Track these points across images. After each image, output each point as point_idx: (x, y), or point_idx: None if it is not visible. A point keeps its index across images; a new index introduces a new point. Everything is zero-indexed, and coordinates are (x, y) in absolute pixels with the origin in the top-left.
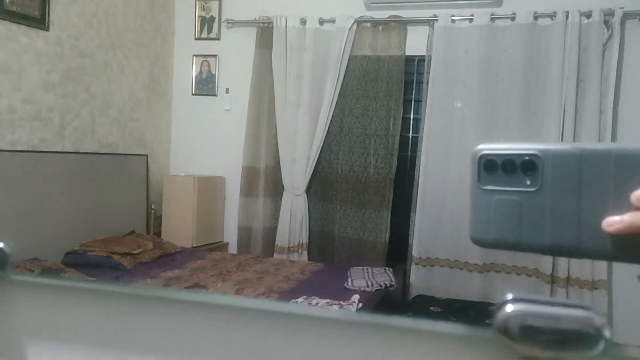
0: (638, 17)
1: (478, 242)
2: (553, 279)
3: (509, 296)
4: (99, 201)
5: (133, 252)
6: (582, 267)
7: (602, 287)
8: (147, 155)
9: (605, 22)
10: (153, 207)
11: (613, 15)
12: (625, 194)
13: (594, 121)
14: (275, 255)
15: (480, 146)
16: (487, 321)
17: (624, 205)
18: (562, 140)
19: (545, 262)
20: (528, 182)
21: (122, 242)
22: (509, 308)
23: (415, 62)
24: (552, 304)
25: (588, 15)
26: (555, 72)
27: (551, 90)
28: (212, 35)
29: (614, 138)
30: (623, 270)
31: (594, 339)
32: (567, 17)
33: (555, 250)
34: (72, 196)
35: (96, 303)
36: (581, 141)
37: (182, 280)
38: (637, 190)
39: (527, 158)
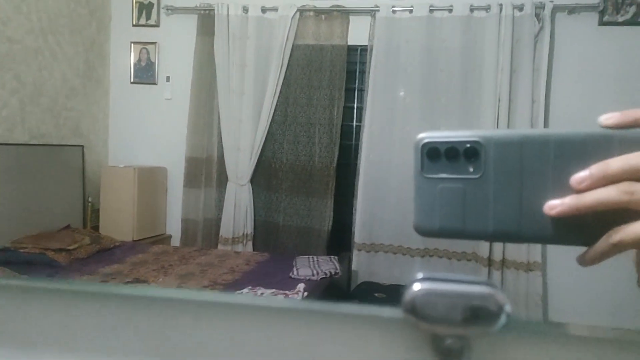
0: (567, 10)
1: (423, 231)
2: (490, 262)
3: (419, 275)
4: (31, 195)
5: (68, 247)
6: (517, 250)
7: (536, 269)
8: (82, 146)
9: (537, 15)
10: (90, 200)
11: (544, 8)
12: (564, 178)
13: (527, 110)
14: (219, 246)
15: (423, 134)
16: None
17: (564, 189)
18: (497, 128)
19: (482, 247)
20: (471, 169)
21: (56, 238)
22: (416, 287)
23: (358, 52)
24: (458, 281)
25: (520, 8)
26: (490, 62)
27: (487, 80)
28: (151, 22)
29: (545, 126)
30: (557, 253)
31: (495, 314)
32: (500, 10)
33: (499, 236)
34: (2, 190)
35: (33, 300)
36: (515, 128)
37: (122, 276)
38: (575, 174)
39: (469, 145)
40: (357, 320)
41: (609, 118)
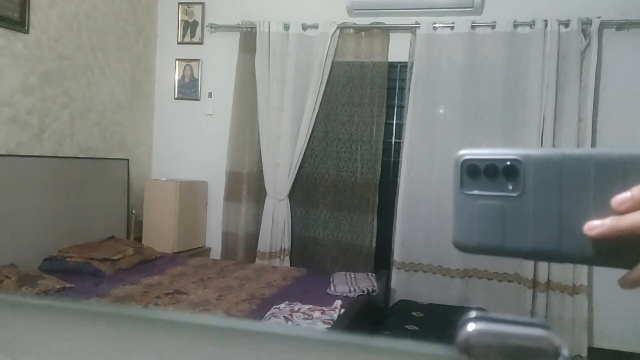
0: (615, 26)
1: (461, 247)
2: (535, 284)
3: (472, 314)
4: (78, 206)
5: (112, 257)
6: (563, 272)
7: (582, 292)
8: (128, 160)
9: (583, 31)
10: (134, 211)
11: (591, 24)
12: (605, 198)
13: (573, 128)
14: (257, 260)
15: (463, 151)
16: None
17: (605, 210)
18: (541, 147)
19: (526, 268)
20: (510, 187)
21: (101, 248)
22: (471, 327)
23: (398, 69)
24: (513, 322)
25: (566, 24)
26: (534, 79)
27: (531, 98)
28: (195, 39)
29: (593, 146)
30: (603, 275)
31: (551, 357)
32: (545, 25)
33: (538, 255)
34: (51, 201)
35: (51, 318)
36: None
37: (162, 287)
38: (617, 195)
39: (508, 163)
40: (400, 355)
41: None
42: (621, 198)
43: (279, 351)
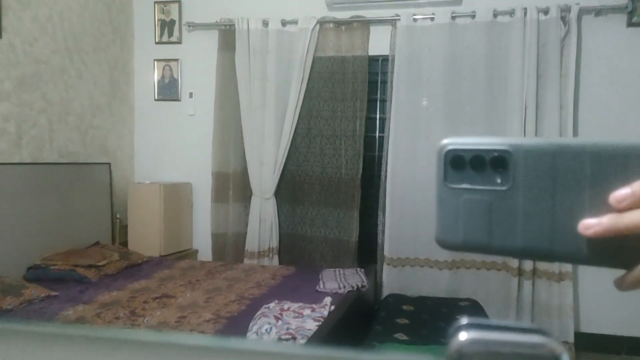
0: (594, 12)
1: (445, 245)
2: (521, 272)
3: (463, 321)
4: (60, 213)
5: (98, 264)
6: None
7: (567, 279)
8: (109, 164)
9: (563, 18)
10: (118, 216)
11: (570, 11)
12: (602, 193)
13: (555, 117)
14: (245, 260)
15: (446, 141)
16: (458, 317)
17: (602, 206)
18: (524, 136)
19: None
20: (498, 181)
21: (86, 254)
22: (463, 336)
23: (379, 62)
24: (508, 328)
25: (546, 11)
26: (516, 68)
27: (513, 87)
28: (173, 39)
29: (575, 133)
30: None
31: None
32: (525, 14)
33: (528, 254)
34: (32, 208)
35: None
36: (543, 136)
37: (150, 291)
38: (616, 191)
39: (497, 154)
40: None
41: None
42: (621, 194)
43: None
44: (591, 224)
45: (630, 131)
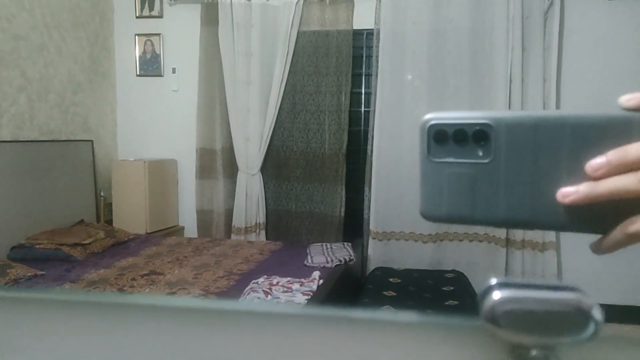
0: None
1: (429, 217)
2: (508, 243)
3: (493, 281)
4: (43, 191)
5: (83, 242)
6: (533, 230)
7: (551, 248)
8: (92, 141)
9: None
10: (102, 194)
11: None
12: (580, 163)
13: (539, 90)
14: (232, 236)
15: (429, 115)
16: (444, 288)
17: (579, 175)
18: (509, 109)
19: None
20: (480, 154)
21: (71, 233)
22: (496, 295)
23: (364, 36)
24: (539, 287)
25: None
26: (500, 41)
27: (497, 60)
28: (154, 13)
29: (558, 105)
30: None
31: (584, 322)
32: None
33: (510, 223)
34: (15, 188)
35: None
36: (527, 109)
37: (138, 269)
38: (591, 160)
39: (478, 128)
40: (426, 329)
41: (630, 99)
42: (596, 163)
43: (259, 330)
44: (569, 192)
45: (611, 103)
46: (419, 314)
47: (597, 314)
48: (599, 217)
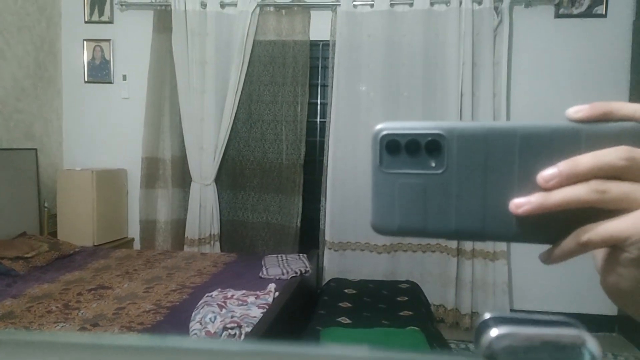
0: (524, 3)
1: (381, 230)
2: (459, 252)
3: (487, 315)
4: None
5: (26, 255)
6: None
7: (502, 258)
8: (36, 149)
9: (495, 9)
10: (46, 205)
11: (502, 1)
12: (531, 174)
13: (489, 103)
14: (185, 248)
15: (381, 125)
16: (398, 299)
17: (531, 186)
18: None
19: None
20: (433, 164)
21: (12, 246)
22: (494, 332)
23: (320, 47)
24: (537, 322)
25: (479, 1)
26: (452, 56)
27: (449, 74)
28: (104, 18)
29: (507, 119)
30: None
31: (581, 356)
32: (460, 3)
33: (461, 235)
34: None
35: None
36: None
37: (84, 283)
38: (543, 171)
39: (431, 138)
40: None
41: (577, 111)
42: (548, 174)
43: None
44: (521, 203)
45: (558, 116)
46: (416, 353)
47: (595, 349)
48: (549, 228)
